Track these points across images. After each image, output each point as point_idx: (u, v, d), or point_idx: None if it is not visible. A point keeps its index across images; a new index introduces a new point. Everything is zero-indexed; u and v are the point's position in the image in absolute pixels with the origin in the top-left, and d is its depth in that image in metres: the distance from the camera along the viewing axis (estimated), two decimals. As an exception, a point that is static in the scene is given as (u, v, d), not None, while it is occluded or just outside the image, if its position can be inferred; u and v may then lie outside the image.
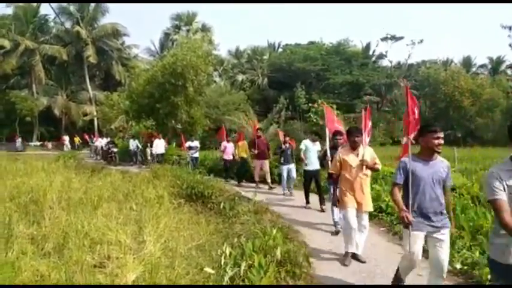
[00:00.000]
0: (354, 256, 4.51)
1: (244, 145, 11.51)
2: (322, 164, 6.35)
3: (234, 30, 77.21)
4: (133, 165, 17.12)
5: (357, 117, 27.17)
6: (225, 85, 35.47)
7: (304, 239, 5.41)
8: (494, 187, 2.27)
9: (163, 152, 15.65)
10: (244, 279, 3.51)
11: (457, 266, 4.19)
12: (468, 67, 42.10)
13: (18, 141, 30.82)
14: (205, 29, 39.41)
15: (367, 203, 4.56)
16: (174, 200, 7.27)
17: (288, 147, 9.29)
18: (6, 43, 33.53)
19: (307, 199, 7.80)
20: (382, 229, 6.05)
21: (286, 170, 9.20)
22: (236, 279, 3.54)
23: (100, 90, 38.06)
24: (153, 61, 31.60)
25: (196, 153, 14.21)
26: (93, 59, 35.98)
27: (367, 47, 40.26)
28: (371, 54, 40.43)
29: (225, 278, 3.52)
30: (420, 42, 35.67)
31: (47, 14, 39.39)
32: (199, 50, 18.42)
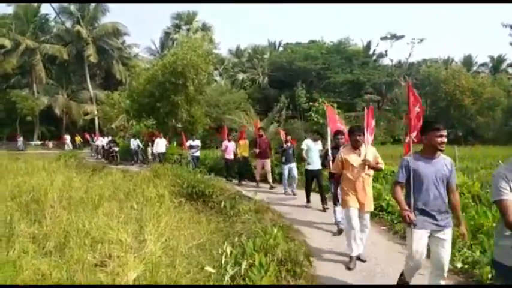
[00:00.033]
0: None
1: (245, 144, 11.48)
2: (324, 164, 6.31)
3: (235, 29, 77.24)
4: (134, 165, 17.15)
5: (357, 115, 27.13)
6: (226, 84, 35.43)
7: (304, 238, 5.42)
8: (501, 187, 2.23)
9: (164, 151, 15.67)
10: (245, 278, 3.52)
11: (458, 265, 4.19)
12: (469, 66, 42.03)
13: (20, 140, 30.80)
14: (205, 28, 39.37)
15: (369, 203, 4.54)
16: (175, 199, 7.26)
17: (290, 147, 9.31)
18: (7, 42, 33.53)
19: (308, 198, 7.81)
20: (383, 228, 6.05)
21: (287, 169, 9.22)
22: (237, 278, 3.55)
23: (101, 89, 38.07)
24: (153, 60, 31.56)
25: (197, 152, 14.23)
26: (94, 58, 35.98)
27: (368, 45, 40.14)
28: (371, 53, 40.34)
29: (226, 277, 3.53)
30: (420, 42, 35.58)
31: (48, 14, 39.54)
32: (199, 49, 18.40)
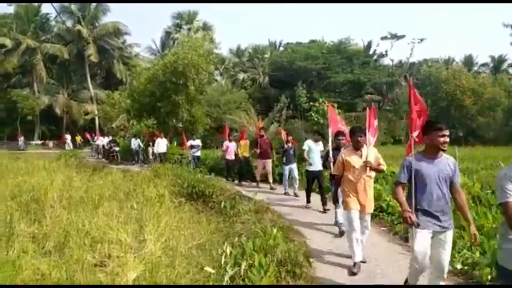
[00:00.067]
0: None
1: (246, 144, 11.40)
2: (324, 165, 6.26)
3: (235, 29, 77.22)
4: (135, 164, 17.15)
5: (358, 116, 27.11)
6: (226, 84, 35.42)
7: (304, 239, 5.42)
8: (507, 189, 2.20)
9: (165, 151, 15.67)
10: (245, 279, 3.52)
11: (458, 266, 4.19)
12: (470, 66, 41.97)
13: (21, 139, 30.76)
14: (206, 27, 39.37)
15: (370, 205, 4.50)
16: (175, 199, 7.27)
17: (291, 147, 9.29)
18: (8, 42, 33.54)
19: (308, 199, 7.80)
20: (383, 229, 6.05)
21: (288, 169, 9.23)
22: (236, 279, 3.55)
23: (101, 89, 38.10)
24: (154, 60, 31.57)
25: (198, 152, 14.21)
26: (95, 57, 35.99)
27: (369, 45, 40.16)
28: (372, 53, 40.31)
29: (226, 278, 3.53)
30: (420, 42, 35.56)
31: (49, 13, 39.62)
32: (200, 48, 18.41)
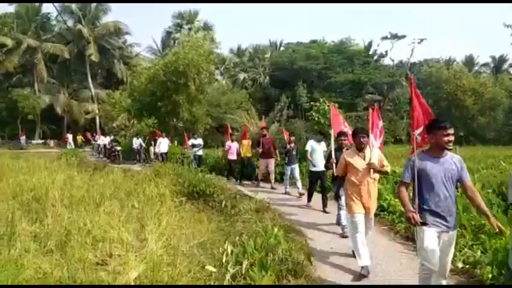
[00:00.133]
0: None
1: (248, 144, 11.28)
2: (327, 166, 6.23)
3: (236, 29, 77.09)
4: (137, 164, 17.15)
5: (359, 115, 27.13)
6: (227, 83, 35.41)
7: (305, 238, 5.42)
8: None
9: (166, 151, 15.66)
10: (246, 277, 3.52)
11: (459, 264, 4.18)
12: (471, 66, 41.97)
13: (23, 139, 30.77)
14: (207, 27, 39.29)
15: (374, 207, 4.44)
16: (176, 198, 7.27)
17: (293, 147, 9.29)
18: (9, 41, 33.52)
19: (310, 198, 7.81)
20: (384, 228, 6.05)
21: (290, 170, 9.25)
22: (238, 278, 3.55)
23: (102, 88, 38.10)
24: (155, 59, 31.55)
25: (200, 151, 14.17)
26: (95, 57, 35.99)
27: (369, 45, 40.14)
28: (373, 53, 40.29)
29: (227, 276, 3.54)
30: (420, 42, 35.52)
31: (49, 12, 39.55)
32: (201, 48, 18.45)
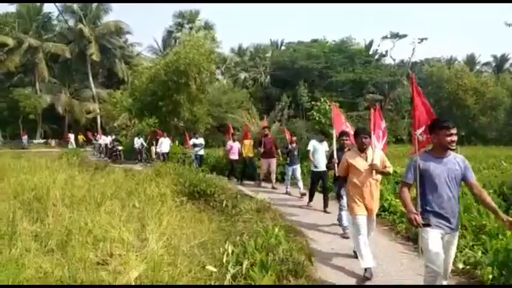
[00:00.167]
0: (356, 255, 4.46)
1: (250, 144, 11.25)
2: (328, 167, 6.19)
3: (237, 28, 77.17)
4: (138, 163, 17.14)
5: (359, 115, 27.08)
6: (228, 83, 35.41)
7: (306, 238, 5.42)
8: None
9: (168, 151, 15.65)
10: (246, 277, 3.53)
11: (460, 265, 4.18)
12: (472, 65, 41.89)
13: (25, 138, 30.81)
14: (208, 26, 39.29)
15: (376, 208, 4.40)
16: (177, 198, 7.27)
17: (295, 147, 9.28)
18: (10, 41, 33.57)
19: (311, 198, 7.81)
20: (385, 228, 6.05)
21: (291, 170, 9.23)
22: (238, 277, 3.56)
23: (103, 88, 38.15)
24: (156, 59, 31.54)
25: (202, 151, 14.14)
26: (96, 56, 36.03)
27: (370, 45, 40.09)
28: (374, 52, 40.24)
29: (227, 276, 3.54)
30: (420, 42, 35.46)
31: (51, 12, 39.57)
32: (202, 47, 18.43)
